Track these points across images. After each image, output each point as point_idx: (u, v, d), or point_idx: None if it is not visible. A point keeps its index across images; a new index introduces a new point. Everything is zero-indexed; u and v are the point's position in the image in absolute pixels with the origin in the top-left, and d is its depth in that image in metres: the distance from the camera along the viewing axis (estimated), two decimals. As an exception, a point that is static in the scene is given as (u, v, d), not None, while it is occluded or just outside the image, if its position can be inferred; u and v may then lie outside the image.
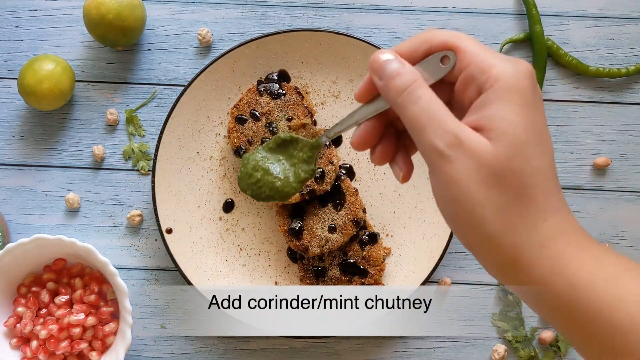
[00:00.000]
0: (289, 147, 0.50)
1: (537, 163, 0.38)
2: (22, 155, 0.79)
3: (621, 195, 0.79)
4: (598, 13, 0.79)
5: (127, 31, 0.73)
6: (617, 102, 0.79)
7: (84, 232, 0.78)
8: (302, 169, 0.49)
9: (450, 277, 0.78)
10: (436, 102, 0.39)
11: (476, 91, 0.40)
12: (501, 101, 0.38)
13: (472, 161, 0.38)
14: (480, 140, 0.38)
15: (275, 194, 0.50)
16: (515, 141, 0.38)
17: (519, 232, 0.39)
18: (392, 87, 0.40)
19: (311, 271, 0.75)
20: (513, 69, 0.39)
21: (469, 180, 0.38)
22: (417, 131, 0.39)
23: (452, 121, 0.39)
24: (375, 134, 0.45)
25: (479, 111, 0.39)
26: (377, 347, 0.78)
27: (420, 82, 0.40)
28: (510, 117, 0.38)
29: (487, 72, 0.39)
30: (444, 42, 0.41)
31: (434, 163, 0.39)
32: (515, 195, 0.38)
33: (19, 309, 0.74)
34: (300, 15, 0.79)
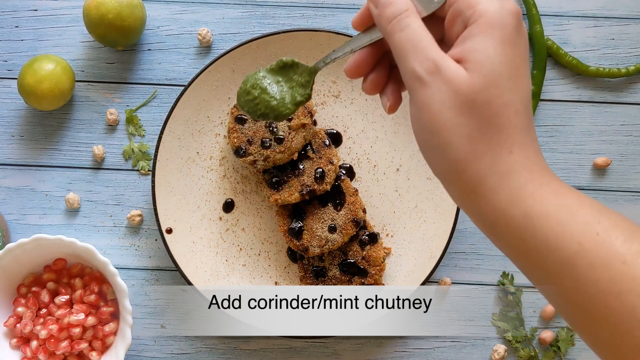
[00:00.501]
0: (289, 70, 0.51)
1: (509, 97, 0.40)
2: (22, 155, 0.79)
3: (621, 195, 0.79)
4: (598, 13, 0.79)
5: (127, 31, 0.73)
6: (617, 102, 0.79)
7: (84, 232, 0.78)
8: (299, 92, 0.50)
9: (450, 277, 0.78)
10: (422, 31, 0.41)
11: (462, 25, 0.41)
12: (482, 35, 0.40)
13: (447, 88, 0.40)
14: (457, 69, 0.40)
15: (270, 112, 0.51)
16: (490, 73, 0.39)
17: (483, 160, 0.40)
18: (384, 15, 0.43)
19: (311, 271, 0.75)
20: (498, 6, 0.40)
21: (441, 106, 0.40)
22: (401, 57, 0.41)
23: (434, 50, 0.41)
24: (369, 62, 0.47)
25: (461, 44, 0.41)
26: (377, 347, 0.78)
27: (410, 11, 0.42)
28: (488, 50, 0.40)
29: (472, 7, 0.40)
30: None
31: (412, 88, 0.41)
32: (485, 125, 0.40)
33: (19, 309, 0.74)
34: (300, 15, 0.79)
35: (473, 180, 0.40)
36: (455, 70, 0.40)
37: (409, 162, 0.77)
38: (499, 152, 0.40)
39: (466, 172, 0.40)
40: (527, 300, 0.78)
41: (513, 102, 0.40)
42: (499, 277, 0.78)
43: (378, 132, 0.77)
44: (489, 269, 0.78)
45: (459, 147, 0.40)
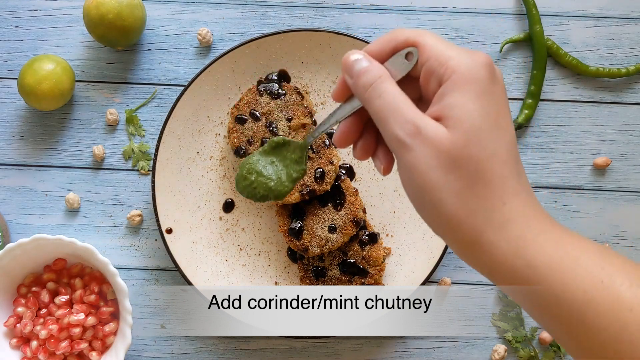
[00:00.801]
0: (282, 149, 0.53)
1: (492, 148, 0.40)
2: (22, 155, 0.79)
3: (621, 195, 0.79)
4: (598, 13, 0.79)
5: (127, 31, 0.73)
6: (617, 102, 0.79)
7: (84, 232, 0.78)
8: (294, 169, 0.52)
9: (450, 277, 0.78)
10: (399, 95, 0.42)
11: (437, 83, 0.42)
12: (458, 91, 0.40)
13: (430, 148, 0.40)
14: (438, 129, 0.40)
15: (270, 194, 0.53)
16: (471, 128, 0.40)
17: (477, 214, 0.40)
18: (360, 84, 0.43)
19: (311, 271, 0.75)
20: (469, 60, 0.41)
21: (427, 167, 0.40)
22: (382, 122, 0.42)
23: (412, 111, 0.41)
24: (355, 131, 0.47)
25: (438, 102, 0.41)
26: (377, 347, 0.78)
27: (384, 77, 0.42)
28: (466, 105, 0.40)
29: (444, 64, 0.41)
30: (407, 39, 0.43)
31: (396, 151, 0.42)
32: (472, 180, 0.40)
33: (19, 309, 0.74)
34: (300, 15, 0.79)
35: (471, 234, 0.41)
36: (436, 129, 0.40)
37: (409, 162, 0.77)
38: (492, 205, 0.40)
39: (462, 227, 0.41)
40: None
41: (497, 152, 0.40)
42: (499, 277, 0.78)
43: (378, 132, 0.77)
44: (489, 269, 0.78)
45: (450, 204, 0.40)
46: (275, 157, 0.53)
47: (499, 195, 0.40)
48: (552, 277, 0.39)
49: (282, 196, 0.53)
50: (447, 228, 0.41)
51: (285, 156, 0.53)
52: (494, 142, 0.40)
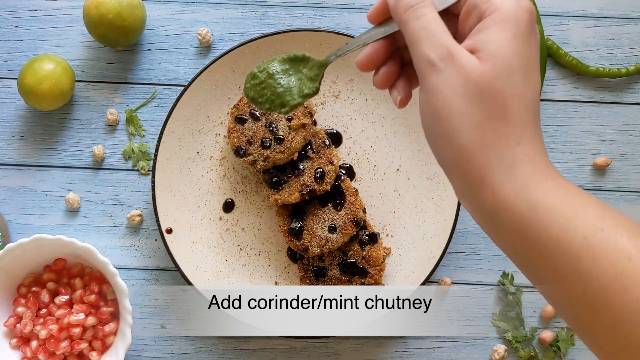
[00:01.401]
0: (300, 64, 0.51)
1: (520, 89, 0.40)
2: (22, 155, 0.79)
3: (621, 195, 0.79)
4: (598, 13, 0.79)
5: (127, 31, 0.73)
6: (617, 102, 0.79)
7: (84, 232, 0.78)
8: (307, 85, 0.50)
9: (450, 277, 0.78)
10: (437, 20, 0.42)
11: (477, 19, 0.42)
12: (497, 27, 0.40)
13: (459, 75, 0.40)
14: (470, 58, 0.40)
15: (276, 99, 0.50)
16: (502, 64, 0.40)
17: (490, 149, 0.40)
18: (401, 4, 0.43)
19: (311, 271, 0.75)
20: (514, 1, 0.41)
21: (452, 92, 0.40)
22: (415, 43, 0.42)
23: (448, 38, 0.41)
24: (381, 55, 0.47)
25: (476, 35, 0.41)
26: (377, 347, 0.78)
27: (426, 2, 0.43)
28: (502, 42, 0.40)
29: (488, 1, 0.41)
30: None
31: (424, 73, 0.42)
32: (494, 114, 0.40)
33: (19, 309, 0.74)
34: (300, 15, 0.79)
35: (479, 169, 0.41)
36: (468, 58, 0.40)
37: (409, 162, 0.77)
38: (507, 143, 0.40)
39: (472, 160, 0.41)
40: (527, 300, 0.78)
41: (523, 96, 0.41)
42: (499, 277, 0.78)
43: (378, 132, 0.77)
44: (489, 269, 0.78)
45: (466, 134, 0.40)
46: (292, 68, 0.51)
47: (516, 136, 0.40)
48: (553, 221, 0.39)
49: (287, 107, 0.50)
50: (456, 160, 0.41)
51: (301, 70, 0.51)
52: (522, 84, 0.40)
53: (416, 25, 0.42)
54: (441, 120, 0.41)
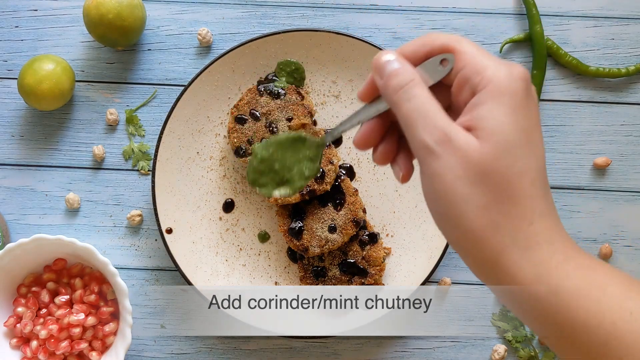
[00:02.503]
0: (297, 143, 0.50)
1: (523, 165, 0.39)
2: (22, 155, 0.79)
3: (621, 195, 0.79)
4: (598, 13, 0.79)
5: (127, 31, 0.73)
6: (617, 102, 0.79)
7: (84, 232, 0.78)
8: (307, 166, 0.50)
9: (450, 277, 0.78)
10: (429, 100, 0.40)
11: (470, 92, 0.40)
12: (492, 102, 0.39)
13: (458, 158, 0.38)
14: (468, 139, 0.39)
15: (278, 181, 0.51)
16: (502, 141, 0.38)
17: (502, 232, 0.39)
18: (390, 86, 0.42)
19: (311, 271, 0.75)
20: (506, 71, 0.39)
21: (453, 176, 0.39)
22: (410, 127, 0.40)
23: (443, 119, 0.40)
24: (377, 134, 0.46)
25: (471, 111, 0.40)
26: (377, 347, 0.78)
27: (416, 81, 0.41)
28: (499, 117, 0.39)
29: (481, 74, 0.40)
30: (443, 45, 0.42)
31: (422, 158, 0.40)
32: (500, 195, 0.38)
33: (19, 309, 0.74)
34: (300, 15, 0.79)
35: (492, 253, 0.39)
36: (466, 139, 0.39)
37: (409, 162, 0.77)
38: (518, 224, 0.39)
39: (484, 244, 0.39)
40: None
41: (528, 170, 0.39)
42: (499, 277, 0.78)
43: (378, 132, 0.77)
44: (489, 269, 0.78)
45: (474, 218, 0.39)
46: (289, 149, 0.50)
47: (526, 215, 0.39)
48: (577, 305, 0.37)
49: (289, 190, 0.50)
50: (467, 244, 0.40)
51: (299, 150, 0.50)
52: (525, 159, 0.39)
53: (409, 107, 0.40)
54: (447, 205, 0.39)
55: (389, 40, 0.79)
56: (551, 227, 0.39)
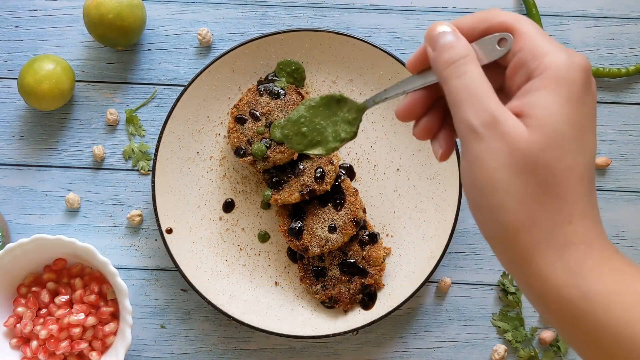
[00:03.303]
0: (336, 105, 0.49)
1: (572, 160, 0.37)
2: (22, 155, 0.79)
3: (621, 195, 0.79)
4: (598, 13, 0.79)
5: (127, 31, 0.73)
6: (617, 102, 0.79)
7: (84, 232, 0.78)
8: (344, 129, 0.48)
9: (450, 277, 0.78)
10: (481, 80, 0.38)
11: (525, 77, 0.39)
12: (547, 90, 0.37)
13: (504, 144, 0.37)
14: (517, 125, 0.37)
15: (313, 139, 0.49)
16: (553, 132, 0.36)
17: (538, 227, 0.37)
18: (442, 59, 0.40)
19: (311, 271, 0.75)
20: (567, 59, 0.37)
21: (496, 163, 0.37)
22: (456, 105, 0.38)
23: (492, 101, 0.38)
24: (422, 107, 0.44)
25: (523, 97, 0.38)
26: (377, 347, 0.78)
27: (470, 58, 0.39)
28: (552, 107, 0.36)
29: (539, 59, 0.38)
30: (503, 23, 0.40)
31: (465, 140, 0.38)
32: (543, 189, 0.36)
33: (19, 309, 0.74)
34: (300, 15, 0.79)
35: (526, 249, 0.37)
36: (514, 125, 0.37)
37: (409, 162, 0.77)
38: (558, 221, 0.37)
39: (519, 238, 0.37)
40: (527, 301, 0.78)
41: (576, 166, 0.37)
42: (499, 277, 0.78)
43: (378, 132, 0.77)
44: (489, 269, 0.78)
45: (513, 210, 0.37)
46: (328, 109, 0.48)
47: (567, 213, 0.37)
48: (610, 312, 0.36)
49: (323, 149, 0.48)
50: (502, 236, 0.38)
51: (337, 113, 0.48)
52: (575, 154, 0.37)
53: (458, 84, 0.38)
54: (484, 193, 0.38)
55: (389, 40, 0.79)
56: (590, 228, 0.37)
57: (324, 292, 0.75)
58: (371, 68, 0.76)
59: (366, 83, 0.77)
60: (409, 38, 0.79)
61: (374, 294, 0.75)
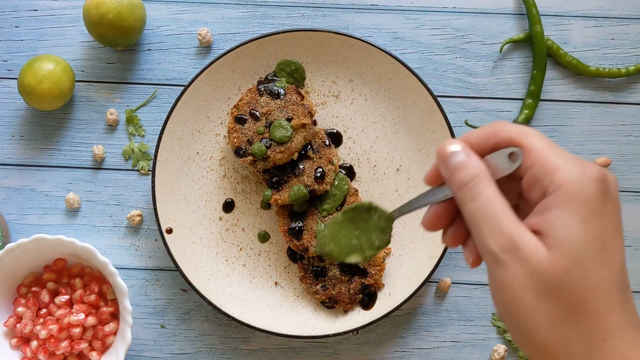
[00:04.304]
0: (366, 213, 0.49)
1: (597, 277, 0.36)
2: (22, 155, 0.79)
3: (621, 195, 0.79)
4: (598, 13, 0.79)
5: (127, 31, 0.73)
6: (617, 102, 0.79)
7: (84, 232, 0.78)
8: (377, 236, 0.48)
9: (450, 277, 0.78)
10: (496, 200, 0.38)
11: (540, 193, 0.38)
12: (563, 209, 0.37)
13: (526, 269, 0.36)
14: (537, 247, 0.37)
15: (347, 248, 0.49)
16: (574, 254, 0.36)
17: (573, 347, 0.36)
18: (455, 181, 0.40)
19: (311, 271, 0.75)
20: (579, 173, 0.37)
21: (520, 288, 0.37)
22: (475, 229, 0.39)
23: (510, 222, 0.37)
24: (446, 217, 0.44)
25: (541, 214, 0.38)
26: (377, 347, 0.78)
27: (482, 177, 0.39)
28: (571, 226, 0.36)
29: (550, 176, 0.37)
30: (510, 139, 0.40)
31: (488, 264, 0.38)
32: (571, 310, 0.36)
33: (19, 309, 0.74)
34: (300, 15, 0.79)
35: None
36: (534, 248, 0.37)
37: (409, 162, 0.77)
38: (592, 340, 0.36)
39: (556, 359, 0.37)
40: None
41: (603, 282, 0.36)
42: (499, 277, 0.78)
43: (378, 132, 0.77)
44: (489, 269, 0.78)
45: (544, 333, 0.37)
46: (359, 218, 0.49)
47: (600, 331, 0.36)
48: None
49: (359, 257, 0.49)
50: (538, 356, 0.38)
51: (367, 220, 0.48)
52: (600, 271, 0.36)
53: (473, 207, 0.38)
54: (515, 319, 0.37)
55: (389, 40, 0.79)
56: (628, 343, 0.37)
57: (324, 292, 0.75)
58: (371, 68, 0.76)
59: (366, 83, 0.77)
60: (409, 38, 0.79)
61: (374, 294, 0.75)
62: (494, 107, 0.79)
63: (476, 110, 0.79)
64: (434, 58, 0.79)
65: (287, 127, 0.70)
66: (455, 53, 0.79)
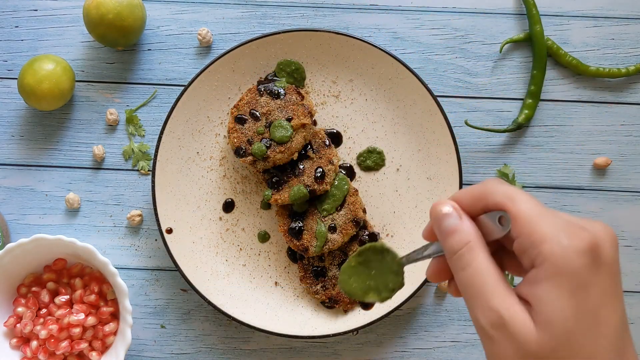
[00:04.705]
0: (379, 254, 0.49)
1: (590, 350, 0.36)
2: (22, 155, 0.79)
3: (621, 195, 0.79)
4: (598, 13, 0.79)
5: (127, 31, 0.73)
6: (617, 102, 0.79)
7: (84, 232, 0.78)
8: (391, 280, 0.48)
9: (450, 277, 0.78)
10: (486, 270, 0.38)
11: (529, 262, 0.38)
12: (550, 283, 0.36)
13: (515, 347, 0.36)
14: (525, 323, 0.36)
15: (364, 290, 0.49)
16: (562, 332, 0.35)
17: None
18: (447, 245, 0.40)
19: (311, 271, 0.75)
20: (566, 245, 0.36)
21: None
22: (465, 300, 0.38)
23: (498, 296, 0.37)
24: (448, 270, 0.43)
25: (530, 285, 0.37)
26: (377, 347, 0.78)
27: (472, 244, 0.39)
28: (559, 302, 0.36)
29: (537, 248, 0.37)
30: (498, 204, 0.39)
31: (480, 336, 0.38)
32: None
33: (19, 309, 0.74)
34: (300, 15, 0.79)
35: None
36: (523, 324, 0.36)
37: (409, 162, 0.77)
38: None
39: None
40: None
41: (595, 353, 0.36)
42: (499, 277, 0.78)
43: (378, 132, 0.77)
44: (489, 269, 0.78)
45: None
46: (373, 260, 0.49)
47: None
48: None
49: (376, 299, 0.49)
50: None
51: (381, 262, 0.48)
52: (590, 345, 0.36)
53: (463, 277, 0.38)
54: None
55: (389, 40, 0.79)
56: None
57: (324, 292, 0.75)
58: (371, 68, 0.76)
59: (366, 83, 0.77)
60: (409, 38, 0.79)
61: None
62: (494, 107, 0.79)
63: (476, 110, 0.79)
64: (434, 58, 0.79)
65: (287, 127, 0.70)
66: (455, 53, 0.79)
